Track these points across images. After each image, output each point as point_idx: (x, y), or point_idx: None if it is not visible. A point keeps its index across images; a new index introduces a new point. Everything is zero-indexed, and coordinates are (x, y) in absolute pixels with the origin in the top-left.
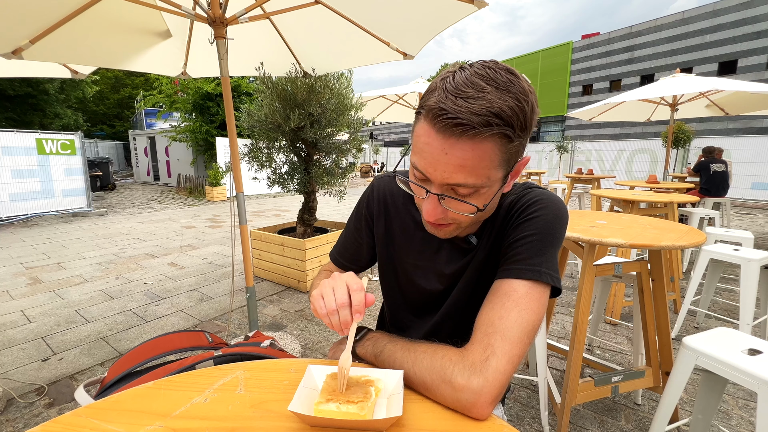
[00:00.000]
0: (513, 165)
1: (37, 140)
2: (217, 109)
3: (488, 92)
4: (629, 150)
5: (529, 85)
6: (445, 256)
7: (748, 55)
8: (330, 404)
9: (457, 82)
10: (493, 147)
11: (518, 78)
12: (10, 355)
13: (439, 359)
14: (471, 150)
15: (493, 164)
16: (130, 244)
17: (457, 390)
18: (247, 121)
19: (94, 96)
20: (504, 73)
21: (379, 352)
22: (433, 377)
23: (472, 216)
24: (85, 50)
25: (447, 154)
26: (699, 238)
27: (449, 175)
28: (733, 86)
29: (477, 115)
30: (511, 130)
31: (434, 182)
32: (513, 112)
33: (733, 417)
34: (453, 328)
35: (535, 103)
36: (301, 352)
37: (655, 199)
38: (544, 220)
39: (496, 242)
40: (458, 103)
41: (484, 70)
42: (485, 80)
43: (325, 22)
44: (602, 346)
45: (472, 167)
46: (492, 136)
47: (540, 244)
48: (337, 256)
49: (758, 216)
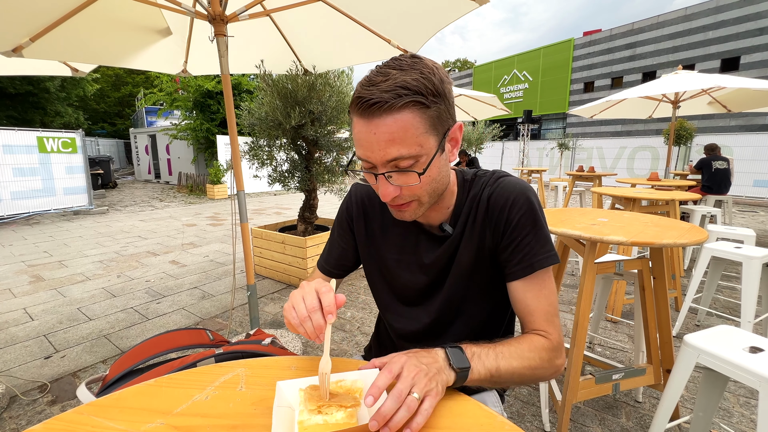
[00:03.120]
0: (444, 132)
1: (38, 138)
2: (218, 106)
3: (393, 74)
4: (631, 147)
5: (434, 63)
6: (423, 247)
7: (750, 52)
8: (318, 416)
9: (370, 75)
10: (412, 116)
11: (421, 60)
12: (13, 353)
13: (528, 350)
14: (393, 123)
15: (419, 131)
16: (132, 242)
17: (558, 367)
18: (248, 119)
19: (94, 94)
20: (408, 58)
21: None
22: (532, 365)
23: (421, 186)
24: (86, 48)
25: (375, 134)
26: (701, 236)
27: (384, 152)
28: (735, 83)
29: (386, 92)
30: (422, 98)
31: (377, 164)
32: (419, 82)
33: (734, 415)
34: (454, 318)
35: (443, 75)
36: (302, 349)
37: (656, 196)
38: (530, 209)
39: (482, 236)
40: (371, 89)
41: (391, 61)
42: (391, 67)
43: (326, 20)
44: (603, 343)
45: (402, 138)
46: (406, 105)
47: (541, 232)
48: (323, 264)
49: (760, 213)
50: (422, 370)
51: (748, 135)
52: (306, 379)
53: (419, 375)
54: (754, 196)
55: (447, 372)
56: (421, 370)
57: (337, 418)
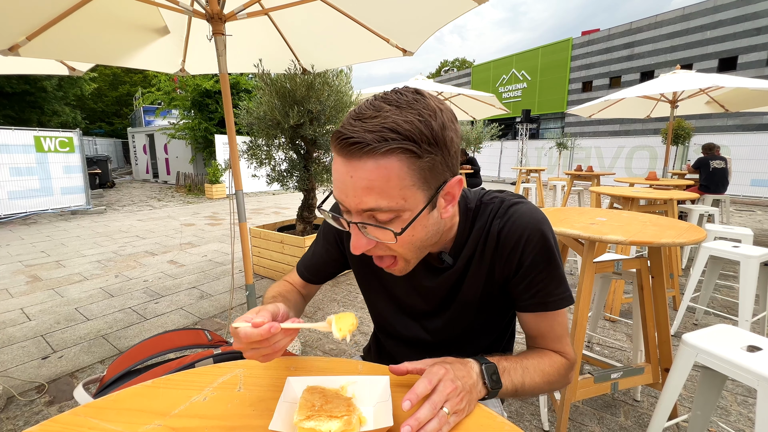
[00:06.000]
0: (438, 187)
1: (36, 138)
2: (216, 106)
3: (386, 111)
4: (629, 147)
5: (439, 104)
6: (420, 273)
7: (748, 52)
8: (310, 422)
9: (360, 107)
10: (399, 164)
11: (425, 98)
12: (10, 353)
13: (549, 366)
14: (375, 170)
15: (404, 183)
16: (130, 242)
17: (570, 380)
18: (246, 119)
19: (92, 93)
20: (410, 93)
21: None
22: (551, 380)
23: (400, 245)
24: (83, 47)
25: (352, 177)
26: (699, 235)
27: (360, 200)
28: (733, 83)
29: (371, 132)
30: (414, 145)
31: (351, 210)
32: (413, 126)
33: (732, 413)
34: (456, 339)
35: (447, 120)
36: (301, 349)
37: (654, 196)
38: (545, 247)
39: (491, 271)
40: (355, 124)
41: (389, 94)
42: (387, 101)
43: (324, 19)
44: (602, 342)
45: (382, 188)
46: (392, 152)
47: (556, 272)
48: (303, 270)
49: (757, 213)
50: (457, 388)
51: (745, 134)
52: (316, 378)
53: (453, 392)
54: (752, 195)
55: (479, 389)
56: (457, 387)
57: (331, 426)
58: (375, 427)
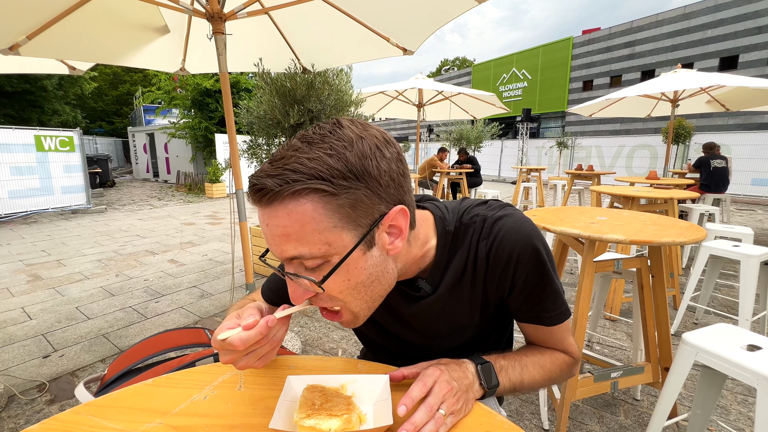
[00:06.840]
0: (371, 223)
1: (36, 137)
2: (216, 105)
3: (296, 150)
4: (629, 146)
5: (361, 131)
6: (394, 299)
7: (749, 51)
8: (310, 420)
9: (278, 149)
10: (312, 206)
11: (342, 128)
12: (11, 352)
13: (549, 362)
14: (287, 215)
15: (322, 226)
16: (130, 241)
17: (572, 375)
18: (246, 118)
19: (92, 92)
20: (327, 126)
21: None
22: (552, 376)
23: (340, 293)
24: (83, 46)
25: (268, 226)
26: (699, 235)
27: (281, 248)
28: (734, 82)
29: (272, 177)
30: (324, 183)
31: (282, 261)
32: (320, 163)
33: (732, 412)
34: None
35: (369, 148)
36: (302, 348)
37: (655, 195)
38: (538, 263)
39: (485, 292)
40: (264, 168)
41: (308, 129)
42: (301, 139)
43: (324, 18)
44: (602, 341)
45: (298, 234)
46: (298, 194)
47: (551, 287)
48: (267, 292)
49: (758, 212)
50: (453, 388)
51: (746, 134)
52: (316, 377)
53: (449, 393)
54: (752, 194)
55: (475, 389)
56: (452, 388)
57: (331, 425)
58: (375, 425)
